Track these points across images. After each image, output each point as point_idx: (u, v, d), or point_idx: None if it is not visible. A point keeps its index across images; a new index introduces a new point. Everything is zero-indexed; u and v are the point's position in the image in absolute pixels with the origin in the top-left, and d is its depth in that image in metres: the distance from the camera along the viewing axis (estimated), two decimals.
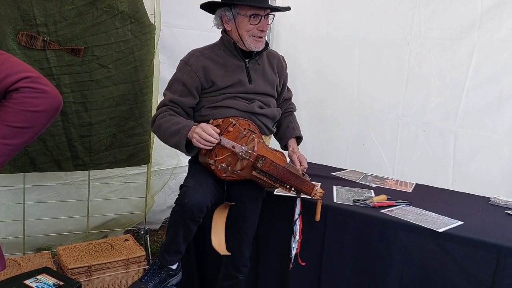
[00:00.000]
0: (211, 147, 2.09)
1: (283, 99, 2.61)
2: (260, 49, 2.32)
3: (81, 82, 2.71)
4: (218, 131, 2.10)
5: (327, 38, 3.81)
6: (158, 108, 2.32)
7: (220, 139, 2.10)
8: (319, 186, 2.26)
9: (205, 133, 2.06)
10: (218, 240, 2.26)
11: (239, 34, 2.26)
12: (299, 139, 2.58)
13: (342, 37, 3.73)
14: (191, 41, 2.42)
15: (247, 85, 2.31)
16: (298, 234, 2.22)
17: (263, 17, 2.25)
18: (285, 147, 2.57)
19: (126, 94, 2.84)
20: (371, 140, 3.65)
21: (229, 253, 2.28)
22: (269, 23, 2.32)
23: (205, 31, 2.36)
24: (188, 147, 2.16)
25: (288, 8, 2.45)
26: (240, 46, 2.31)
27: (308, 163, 2.96)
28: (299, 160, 2.43)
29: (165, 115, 2.24)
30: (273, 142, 2.79)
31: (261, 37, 2.29)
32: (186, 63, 2.30)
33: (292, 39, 4.02)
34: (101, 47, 2.71)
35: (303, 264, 2.24)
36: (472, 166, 3.15)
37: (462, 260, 2.04)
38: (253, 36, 2.26)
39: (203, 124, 2.10)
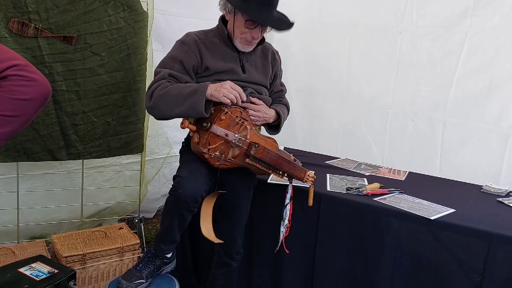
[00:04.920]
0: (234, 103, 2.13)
1: (274, 91, 2.56)
2: (247, 51, 2.30)
3: (73, 70, 2.68)
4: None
5: (319, 25, 3.79)
6: (152, 84, 2.19)
7: (213, 128, 2.11)
8: (313, 173, 2.27)
9: (232, 89, 2.11)
10: (207, 228, 2.28)
11: (233, 30, 2.23)
12: (276, 122, 2.47)
13: (333, 24, 3.70)
14: (187, 29, 2.38)
15: (241, 75, 2.30)
16: (287, 219, 2.24)
17: (259, 24, 2.20)
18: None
19: (119, 82, 2.82)
20: (361, 129, 3.66)
21: (221, 241, 2.30)
22: (266, 32, 2.27)
23: (200, 19, 2.33)
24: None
25: (289, 27, 2.24)
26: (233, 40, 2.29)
27: (302, 151, 2.98)
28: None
29: (167, 85, 2.15)
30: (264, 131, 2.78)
31: (251, 42, 2.26)
32: (184, 43, 2.26)
33: None
34: (93, 34, 2.68)
35: (287, 251, 2.26)
36: (460, 156, 3.16)
37: (454, 247, 2.07)
38: (244, 39, 2.23)
39: (228, 82, 2.15)
